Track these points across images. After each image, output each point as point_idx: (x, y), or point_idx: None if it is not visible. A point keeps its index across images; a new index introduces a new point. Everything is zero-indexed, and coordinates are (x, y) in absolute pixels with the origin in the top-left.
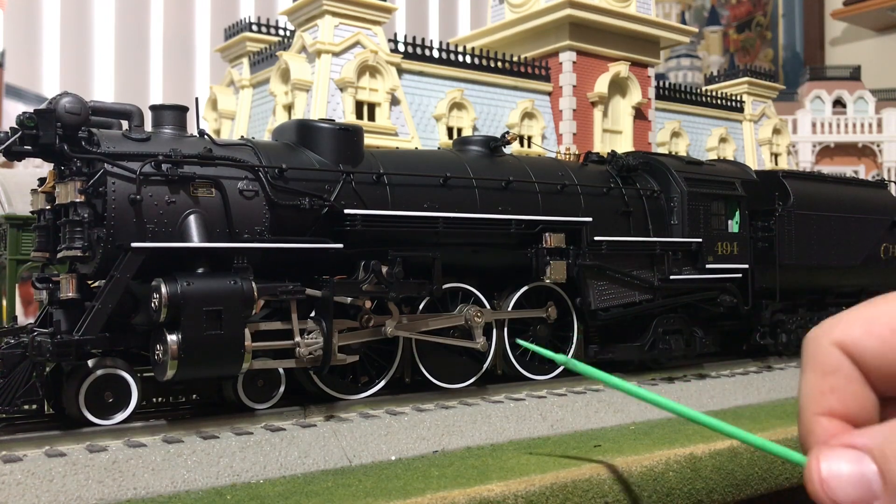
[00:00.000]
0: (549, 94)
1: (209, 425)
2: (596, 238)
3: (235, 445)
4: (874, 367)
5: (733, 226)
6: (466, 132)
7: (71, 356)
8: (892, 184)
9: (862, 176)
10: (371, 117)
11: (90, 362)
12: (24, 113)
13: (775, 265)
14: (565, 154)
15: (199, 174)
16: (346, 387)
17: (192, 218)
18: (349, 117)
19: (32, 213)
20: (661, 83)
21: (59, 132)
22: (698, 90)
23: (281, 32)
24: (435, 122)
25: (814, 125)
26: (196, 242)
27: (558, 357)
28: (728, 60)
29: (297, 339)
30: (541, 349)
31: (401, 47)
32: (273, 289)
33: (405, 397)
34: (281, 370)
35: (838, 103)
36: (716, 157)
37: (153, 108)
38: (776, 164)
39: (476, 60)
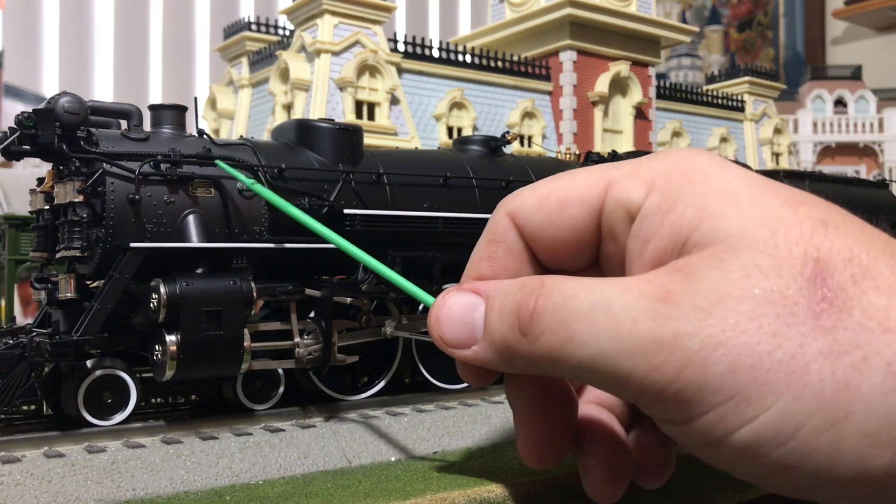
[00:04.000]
0: (550, 93)
1: (208, 426)
2: None
3: (235, 446)
4: (538, 241)
5: None
6: (466, 132)
7: (70, 356)
8: (894, 183)
9: (863, 175)
10: (371, 117)
11: (89, 363)
12: (22, 113)
13: None
14: (566, 154)
15: (198, 174)
16: (346, 387)
17: (191, 218)
18: (349, 117)
19: (31, 212)
20: (661, 83)
21: (58, 132)
22: (699, 90)
23: (280, 32)
24: (435, 121)
25: (815, 125)
26: (195, 242)
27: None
28: (729, 60)
29: (297, 339)
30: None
31: (401, 47)
32: (272, 289)
33: (405, 398)
34: (280, 371)
35: (839, 103)
36: None
37: (152, 107)
38: (777, 163)
39: (476, 60)
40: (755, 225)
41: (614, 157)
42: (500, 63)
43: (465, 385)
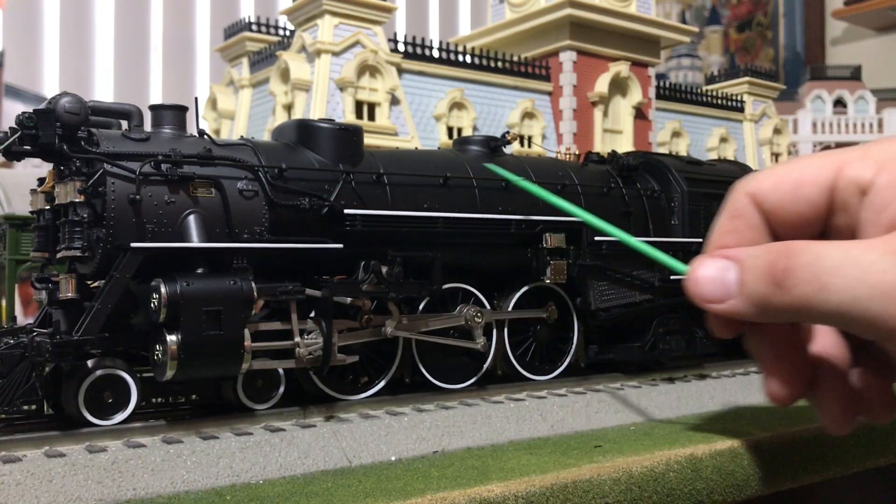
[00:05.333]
0: (550, 93)
1: (209, 426)
2: (596, 238)
3: (235, 446)
4: (775, 215)
5: None
6: (466, 132)
7: (70, 356)
8: None
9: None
10: (371, 117)
11: (89, 362)
12: (23, 113)
13: None
14: (565, 154)
15: (198, 174)
16: (346, 387)
17: (191, 218)
18: (349, 117)
19: (32, 213)
20: (661, 83)
21: (59, 132)
22: (699, 90)
23: (281, 32)
24: (435, 121)
25: (814, 125)
26: (195, 242)
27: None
28: (728, 60)
29: (297, 339)
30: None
31: (401, 47)
32: (273, 289)
33: (405, 398)
34: (280, 370)
35: (839, 103)
36: (716, 157)
37: (153, 107)
38: (777, 163)
39: (476, 60)
40: None
41: (614, 157)
42: (500, 63)
43: (464, 385)
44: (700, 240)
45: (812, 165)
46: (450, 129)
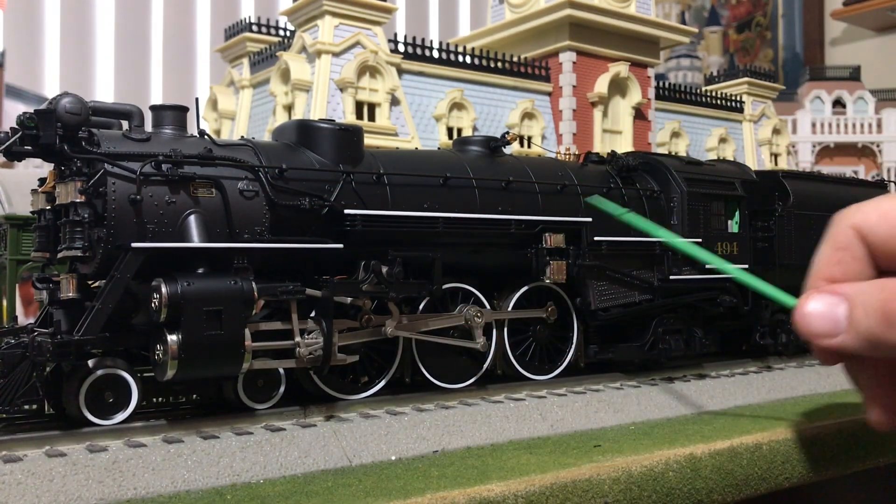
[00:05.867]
0: (549, 94)
1: (209, 425)
2: (596, 238)
3: (235, 445)
4: (881, 249)
5: (733, 226)
6: (466, 132)
7: (71, 356)
8: (892, 184)
9: (862, 176)
10: (371, 117)
11: (90, 362)
12: (24, 113)
13: (775, 265)
14: (565, 154)
15: (199, 174)
16: (347, 387)
17: (192, 218)
18: (349, 117)
19: (32, 213)
20: (660, 83)
21: (60, 132)
22: (698, 90)
23: (281, 33)
24: (435, 122)
25: (813, 125)
26: (196, 242)
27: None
28: (728, 60)
29: (297, 339)
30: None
31: (401, 47)
32: (273, 289)
33: (405, 397)
34: (281, 370)
35: (838, 103)
36: (716, 158)
37: (153, 108)
38: (776, 164)
39: (476, 60)
40: None
41: (614, 157)
42: (499, 64)
43: (464, 385)
44: (699, 240)
45: None
46: (450, 130)
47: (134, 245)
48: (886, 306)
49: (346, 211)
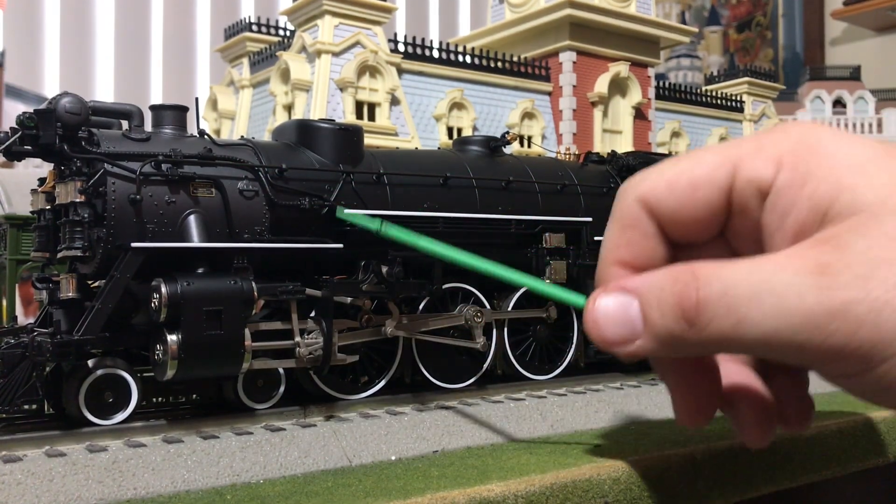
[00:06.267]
0: (549, 94)
1: (209, 425)
2: (596, 238)
3: (235, 445)
4: (671, 220)
5: None
6: (466, 132)
7: (71, 356)
8: None
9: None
10: (371, 117)
11: (90, 362)
12: (24, 113)
13: None
14: (565, 154)
15: (199, 174)
16: (346, 387)
17: (192, 218)
18: (349, 117)
19: (32, 213)
20: (661, 83)
21: (59, 132)
22: (698, 90)
23: (281, 32)
24: (435, 122)
25: None
26: (196, 242)
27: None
28: (728, 60)
29: (297, 339)
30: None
31: (401, 47)
32: (273, 289)
33: (405, 397)
34: (281, 370)
35: (838, 103)
36: None
37: (153, 108)
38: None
39: (476, 60)
40: (891, 192)
41: (614, 157)
42: (499, 63)
43: (464, 385)
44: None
45: (705, 163)
46: (450, 130)
47: (134, 245)
48: (682, 302)
49: (346, 211)
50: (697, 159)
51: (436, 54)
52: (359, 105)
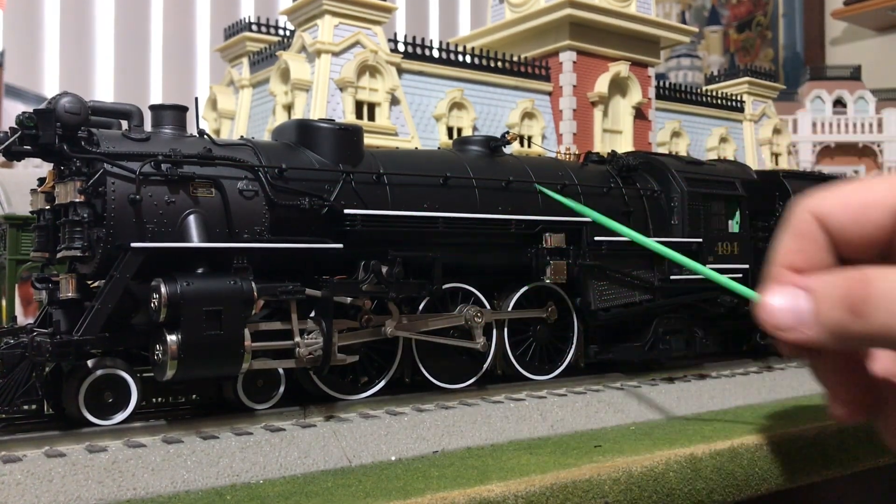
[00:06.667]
0: (550, 93)
1: (209, 425)
2: (596, 238)
3: (235, 446)
4: (841, 236)
5: (733, 226)
6: (466, 132)
7: (70, 356)
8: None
9: (862, 176)
10: (371, 117)
11: (90, 362)
12: (23, 113)
13: None
14: (565, 154)
15: (198, 174)
16: (346, 387)
17: (191, 218)
18: (349, 117)
19: (32, 212)
20: (661, 83)
21: (59, 132)
22: (698, 90)
23: (281, 32)
24: (435, 121)
25: (814, 125)
26: (196, 242)
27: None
28: (728, 60)
29: (297, 339)
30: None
31: (401, 47)
32: (273, 289)
33: (405, 397)
34: (281, 370)
35: (839, 103)
36: (716, 157)
37: (153, 107)
38: (776, 163)
39: (476, 60)
40: None
41: (614, 157)
42: (500, 63)
43: (464, 385)
44: (700, 240)
45: (879, 188)
46: (450, 129)
47: (133, 245)
48: (851, 296)
49: (346, 211)
50: (871, 184)
51: (436, 54)
52: (359, 105)
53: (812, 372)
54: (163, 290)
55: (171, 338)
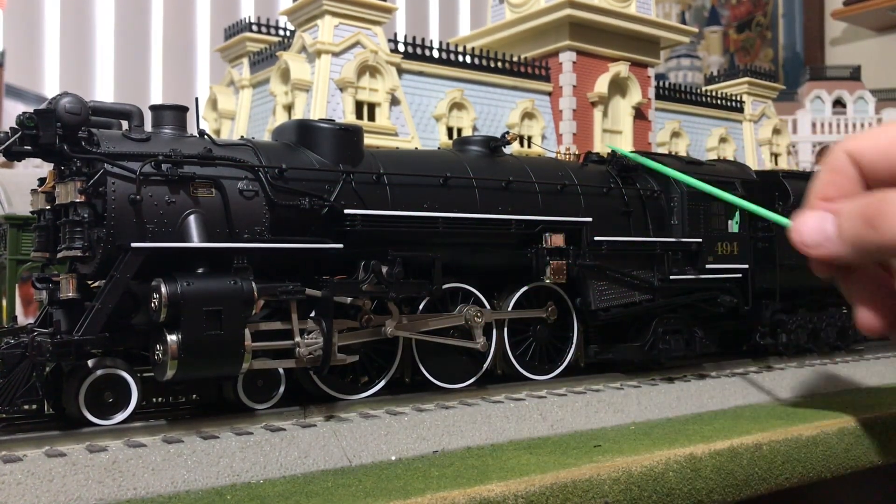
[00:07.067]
0: (549, 94)
1: (209, 425)
2: (596, 238)
3: (235, 445)
4: (871, 170)
5: (733, 226)
6: (466, 132)
7: (71, 356)
8: None
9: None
10: (371, 117)
11: (90, 362)
12: (24, 113)
13: (775, 265)
14: (565, 154)
15: (199, 174)
16: (346, 387)
17: (192, 218)
18: (349, 117)
19: (32, 213)
20: (661, 83)
21: (59, 132)
22: (698, 90)
23: (281, 32)
24: (435, 122)
25: (814, 125)
26: (196, 242)
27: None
28: (728, 60)
29: (297, 339)
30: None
31: (401, 47)
32: (273, 289)
33: (405, 397)
34: (281, 370)
35: (838, 103)
36: (716, 157)
37: (153, 108)
38: (776, 164)
39: (476, 60)
40: None
41: (614, 155)
42: (499, 63)
43: (464, 385)
44: (699, 240)
45: None
46: (450, 130)
47: (134, 245)
48: (867, 210)
49: (346, 211)
50: None
51: (436, 54)
52: (359, 105)
53: (841, 288)
54: (163, 290)
55: (172, 338)
